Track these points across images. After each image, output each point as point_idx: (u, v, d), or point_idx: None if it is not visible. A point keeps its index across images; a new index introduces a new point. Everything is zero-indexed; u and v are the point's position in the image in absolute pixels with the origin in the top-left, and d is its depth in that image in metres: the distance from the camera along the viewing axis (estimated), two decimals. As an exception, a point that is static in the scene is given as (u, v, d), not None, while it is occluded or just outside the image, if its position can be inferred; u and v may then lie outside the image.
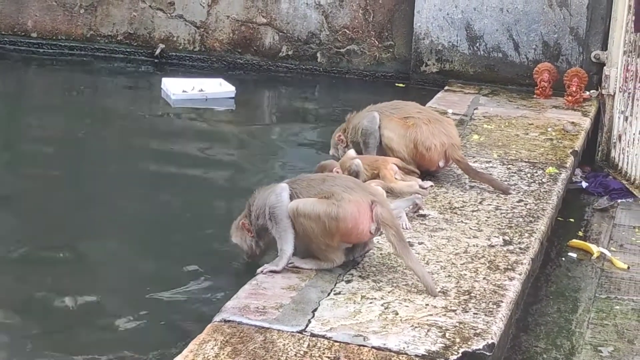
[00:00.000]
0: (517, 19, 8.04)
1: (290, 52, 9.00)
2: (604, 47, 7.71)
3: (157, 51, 9.22)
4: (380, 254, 4.37)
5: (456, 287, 4.07)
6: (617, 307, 4.83)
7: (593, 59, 7.85)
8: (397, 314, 3.77)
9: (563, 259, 5.43)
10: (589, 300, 4.91)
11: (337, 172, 4.97)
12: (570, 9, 7.89)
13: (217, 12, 9.13)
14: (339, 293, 3.95)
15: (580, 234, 5.83)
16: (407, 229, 4.66)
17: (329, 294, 3.93)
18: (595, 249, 5.50)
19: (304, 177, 4.38)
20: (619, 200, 6.44)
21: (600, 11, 7.88)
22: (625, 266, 5.33)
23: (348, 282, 4.06)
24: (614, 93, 7.11)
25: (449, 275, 4.18)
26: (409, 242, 4.34)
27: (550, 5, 7.93)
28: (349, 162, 5.18)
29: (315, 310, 3.78)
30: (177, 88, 8.24)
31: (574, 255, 5.48)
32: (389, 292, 3.97)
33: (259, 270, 4.15)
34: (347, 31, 8.84)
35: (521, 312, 4.59)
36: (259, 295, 3.90)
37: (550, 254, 5.44)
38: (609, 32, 7.47)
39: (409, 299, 3.91)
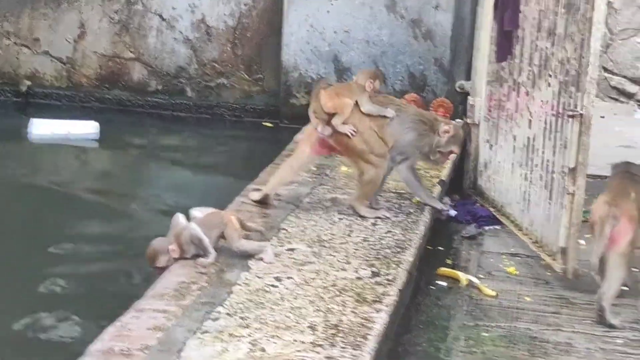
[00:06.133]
0: (383, 51, 8.14)
1: (159, 87, 8.95)
2: (468, 77, 7.85)
3: (23, 88, 9.05)
4: (248, 289, 4.34)
5: (324, 321, 4.05)
6: (486, 334, 4.88)
7: (458, 89, 8.00)
8: (264, 351, 3.73)
9: (433, 287, 5.46)
10: (458, 328, 4.95)
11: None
12: (434, 40, 8.04)
13: (83, 48, 9.04)
14: (206, 332, 3.88)
15: (449, 262, 5.89)
16: (269, 262, 4.65)
17: (195, 333, 3.87)
18: (463, 277, 5.56)
19: None
20: (487, 228, 6.52)
21: (463, 42, 8.05)
22: (494, 293, 5.39)
23: (215, 320, 4.00)
24: (479, 122, 7.21)
25: (317, 310, 4.16)
26: (277, 276, 4.47)
27: (414, 37, 8.07)
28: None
29: (181, 350, 3.71)
30: (40, 127, 8.11)
31: (443, 283, 5.52)
32: (256, 329, 3.93)
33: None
34: (216, 65, 8.83)
35: (392, 342, 4.57)
36: (123, 337, 3.80)
37: (420, 283, 5.47)
38: (473, 62, 7.61)
39: (277, 335, 3.88)
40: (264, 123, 8.67)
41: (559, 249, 5.63)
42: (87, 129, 8.17)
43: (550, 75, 5.94)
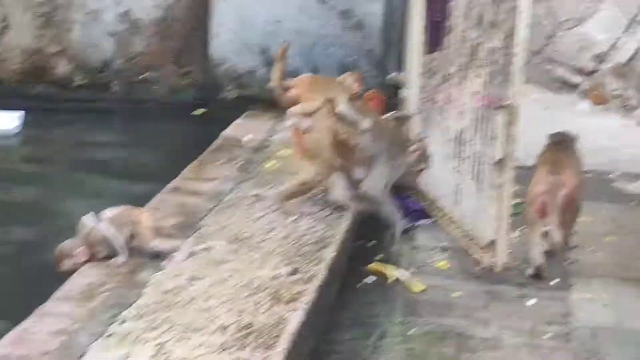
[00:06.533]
0: (314, 42, 8.02)
1: (84, 82, 8.75)
2: (401, 69, 7.73)
3: (-56, 84, 8.82)
4: (159, 290, 4.21)
5: (236, 322, 3.92)
6: (413, 330, 4.77)
7: (390, 81, 7.89)
8: (170, 354, 3.59)
9: (361, 284, 5.34)
10: (385, 325, 4.84)
11: None
12: (365, 31, 7.92)
13: (6, 42, 8.83)
14: (111, 335, 3.74)
15: (380, 257, 5.76)
16: (178, 262, 4.50)
17: (99, 337, 3.72)
18: (392, 272, 5.44)
19: None
20: (420, 222, 6.41)
21: (395, 33, 7.93)
22: (422, 288, 5.28)
23: (122, 323, 3.86)
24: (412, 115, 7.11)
25: (230, 310, 4.03)
26: (191, 276, 4.37)
27: (345, 29, 7.94)
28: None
29: (82, 355, 3.57)
30: None
31: (372, 279, 5.39)
32: (164, 332, 3.79)
33: None
34: (143, 58, 8.65)
35: (315, 341, 4.45)
36: (23, 342, 3.67)
37: (348, 279, 5.34)
38: (405, 53, 7.50)
39: (185, 338, 3.74)
40: (193, 113, 8.50)
41: (488, 242, 5.54)
42: (8, 121, 7.95)
43: (479, 66, 5.85)
